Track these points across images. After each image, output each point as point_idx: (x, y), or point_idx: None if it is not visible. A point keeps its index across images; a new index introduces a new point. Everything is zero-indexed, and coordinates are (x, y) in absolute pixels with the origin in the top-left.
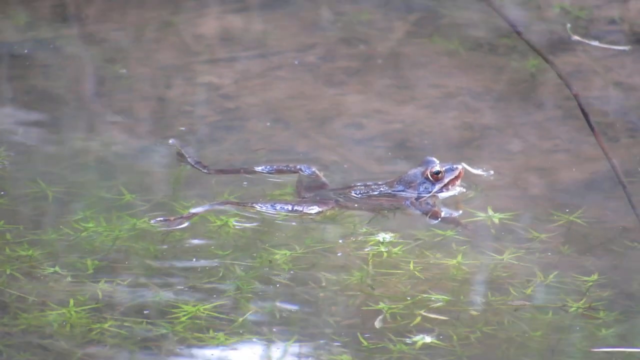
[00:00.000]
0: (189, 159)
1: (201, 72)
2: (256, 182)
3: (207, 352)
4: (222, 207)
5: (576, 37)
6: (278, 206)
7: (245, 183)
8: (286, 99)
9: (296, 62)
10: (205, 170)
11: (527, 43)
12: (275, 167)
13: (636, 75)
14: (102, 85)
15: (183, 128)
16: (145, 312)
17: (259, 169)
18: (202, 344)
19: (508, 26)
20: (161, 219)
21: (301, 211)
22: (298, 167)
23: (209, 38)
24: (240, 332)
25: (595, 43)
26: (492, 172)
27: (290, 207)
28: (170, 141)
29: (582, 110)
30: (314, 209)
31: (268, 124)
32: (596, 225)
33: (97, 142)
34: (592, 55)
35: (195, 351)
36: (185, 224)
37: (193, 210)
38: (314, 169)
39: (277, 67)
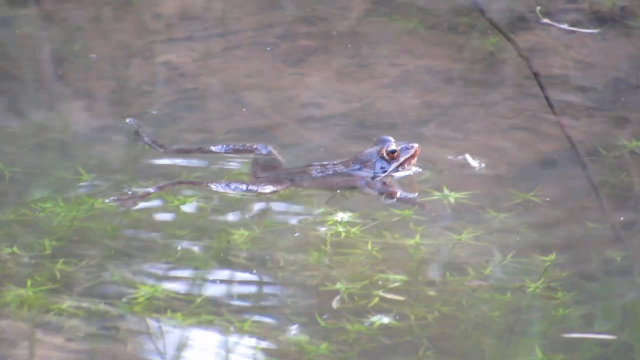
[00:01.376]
0: (145, 138)
1: (160, 52)
2: (214, 161)
3: (165, 332)
4: (179, 187)
5: (546, 20)
6: (233, 185)
7: (214, 166)
8: (245, 79)
9: (268, 49)
10: (162, 150)
11: (489, 21)
12: (232, 146)
13: (596, 54)
14: (60, 65)
15: (155, 112)
16: (103, 292)
17: (215, 148)
18: (160, 324)
19: (467, 5)
20: (115, 197)
21: (256, 190)
22: (255, 146)
23: (168, 17)
24: (198, 312)
25: (564, 26)
26: (483, 164)
27: (245, 187)
28: (128, 120)
29: (542, 89)
30: (269, 188)
31: (244, 109)
32: (555, 204)
33: (56, 122)
34: (552, 34)
35: (153, 332)
36: (140, 204)
37: (147, 190)
38: (270, 148)
39: (236, 47)
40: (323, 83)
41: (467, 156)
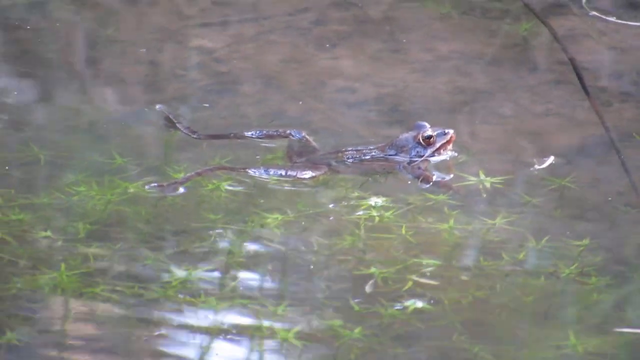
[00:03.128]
0: (177, 125)
1: (193, 36)
2: (247, 146)
3: (199, 316)
4: (215, 172)
5: (594, 13)
6: (271, 171)
7: (247, 151)
8: (278, 63)
9: (327, 46)
10: (194, 136)
11: (526, 6)
12: (265, 132)
13: (629, 39)
14: (94, 49)
15: (207, 105)
16: (136, 276)
17: (249, 134)
18: (193, 308)
19: None
20: (155, 184)
21: (295, 176)
22: (288, 132)
23: (202, 1)
24: (232, 296)
25: (612, 19)
26: (545, 165)
27: (283, 172)
28: (158, 107)
29: (577, 74)
30: (308, 174)
31: (300, 102)
32: (589, 189)
33: (89, 106)
34: (585, 19)
35: (187, 315)
36: (180, 190)
37: (187, 176)
38: (304, 134)
39: (270, 31)
40: (356, 68)
41: (552, 158)
